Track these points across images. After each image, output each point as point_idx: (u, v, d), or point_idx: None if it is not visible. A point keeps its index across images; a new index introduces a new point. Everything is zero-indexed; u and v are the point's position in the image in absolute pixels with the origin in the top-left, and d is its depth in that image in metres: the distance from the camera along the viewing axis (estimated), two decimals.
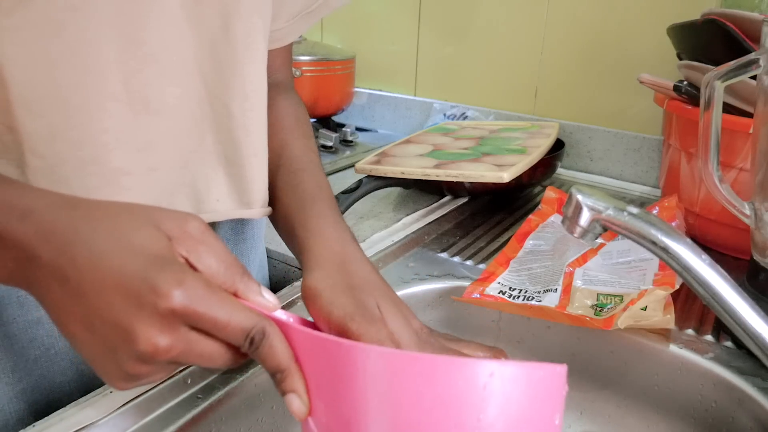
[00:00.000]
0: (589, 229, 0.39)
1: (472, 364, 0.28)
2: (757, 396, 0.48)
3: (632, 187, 0.99)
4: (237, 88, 0.47)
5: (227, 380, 0.46)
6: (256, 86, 0.48)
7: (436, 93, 1.23)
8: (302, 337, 0.33)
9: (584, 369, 0.58)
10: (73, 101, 0.40)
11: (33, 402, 0.47)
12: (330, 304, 0.38)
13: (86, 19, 0.38)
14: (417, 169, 0.80)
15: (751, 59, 0.51)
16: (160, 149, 0.45)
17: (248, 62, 0.47)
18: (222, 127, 0.48)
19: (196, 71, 0.45)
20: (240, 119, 0.48)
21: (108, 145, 0.42)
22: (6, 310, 0.44)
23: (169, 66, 0.43)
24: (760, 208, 0.53)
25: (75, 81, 0.39)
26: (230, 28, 0.45)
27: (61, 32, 0.38)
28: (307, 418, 0.33)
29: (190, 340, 0.30)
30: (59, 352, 0.47)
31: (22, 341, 0.45)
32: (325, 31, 1.36)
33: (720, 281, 0.36)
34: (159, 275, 0.29)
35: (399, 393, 0.29)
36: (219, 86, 0.47)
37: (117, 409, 0.42)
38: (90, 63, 0.39)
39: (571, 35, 1.04)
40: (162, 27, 0.42)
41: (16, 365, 0.45)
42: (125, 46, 0.41)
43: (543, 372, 0.29)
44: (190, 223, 0.32)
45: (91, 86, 0.40)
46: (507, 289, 0.61)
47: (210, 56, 0.45)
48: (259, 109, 0.49)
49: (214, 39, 0.45)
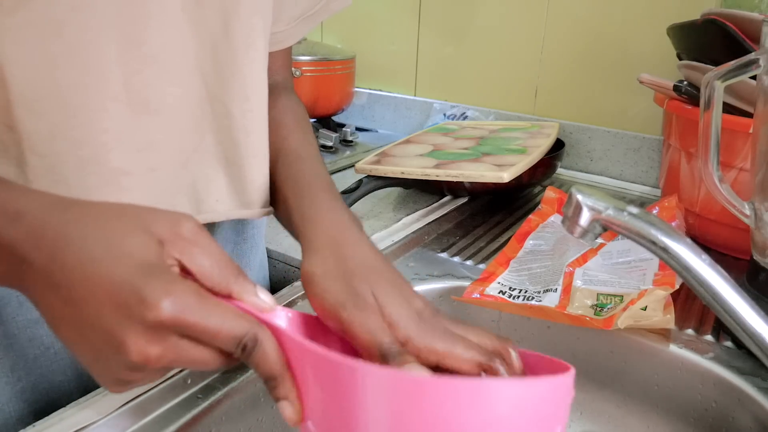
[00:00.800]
0: (589, 229, 0.39)
1: (460, 386, 0.27)
2: (757, 396, 0.48)
3: (632, 187, 0.99)
4: (237, 89, 0.47)
5: (227, 380, 0.46)
6: (256, 87, 0.48)
7: (436, 93, 1.23)
8: (293, 344, 0.32)
9: (584, 369, 0.58)
10: (73, 101, 0.40)
11: (33, 401, 0.46)
12: (323, 291, 0.38)
13: (87, 20, 0.38)
14: (417, 169, 0.80)
15: (751, 59, 0.51)
16: (160, 149, 0.45)
17: (248, 63, 0.47)
18: (222, 127, 0.48)
19: (197, 72, 0.45)
20: (240, 120, 0.48)
21: (107, 145, 0.42)
22: (5, 309, 0.44)
23: (169, 66, 0.43)
24: (760, 208, 0.53)
25: (76, 81, 0.39)
26: (230, 29, 0.45)
27: (62, 32, 0.38)
28: (306, 422, 0.33)
29: (181, 348, 0.30)
30: (59, 352, 0.47)
31: (22, 340, 0.45)
32: (325, 31, 1.36)
33: (720, 281, 0.36)
34: (147, 285, 0.29)
35: (386, 411, 0.28)
36: (219, 87, 0.47)
37: (117, 409, 0.42)
38: (91, 63, 0.39)
39: (571, 35, 1.04)
40: (163, 28, 0.42)
41: (16, 364, 0.45)
42: (126, 47, 0.41)
43: (548, 385, 0.28)
44: (183, 225, 0.32)
45: (91, 86, 0.40)
46: (507, 289, 0.61)
47: (210, 57, 0.45)
48: (259, 110, 0.49)
49: (215, 40, 0.45)
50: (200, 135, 0.47)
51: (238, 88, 0.47)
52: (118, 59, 0.41)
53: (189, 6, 0.43)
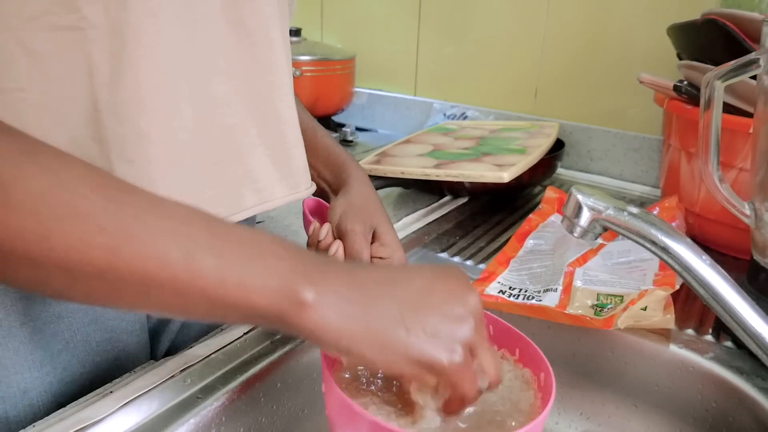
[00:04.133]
0: (589, 228, 0.39)
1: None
2: (757, 396, 0.48)
3: (632, 187, 0.99)
4: (273, 80, 0.50)
5: (227, 380, 0.46)
6: (288, 78, 0.52)
7: (436, 93, 1.23)
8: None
9: (584, 369, 0.58)
10: (152, 102, 0.41)
11: (60, 394, 0.47)
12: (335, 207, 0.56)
13: (157, 23, 0.40)
14: (417, 169, 0.80)
15: (751, 59, 0.51)
16: (218, 144, 0.47)
17: (277, 53, 0.50)
18: (268, 119, 0.51)
19: (240, 67, 0.48)
20: (283, 112, 0.52)
21: (183, 144, 0.44)
22: (33, 307, 0.45)
23: (219, 64, 0.46)
24: (760, 208, 0.53)
25: (154, 82, 0.41)
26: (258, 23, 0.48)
27: (140, 37, 0.40)
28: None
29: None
30: (77, 346, 0.48)
31: (47, 336, 0.46)
32: (325, 31, 1.36)
33: (720, 281, 0.36)
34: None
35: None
36: (259, 80, 0.49)
37: (117, 409, 0.42)
38: (162, 65, 0.42)
39: (571, 35, 1.04)
40: (208, 29, 0.45)
41: (44, 359, 0.46)
42: (185, 47, 0.43)
43: None
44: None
45: (163, 87, 0.42)
46: (507, 289, 0.61)
47: (248, 54, 0.48)
48: (291, 98, 0.53)
49: (250, 35, 0.48)
50: (247, 128, 0.50)
51: (274, 79, 0.50)
52: (182, 60, 0.43)
53: (228, 7, 0.45)
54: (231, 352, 0.49)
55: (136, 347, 0.52)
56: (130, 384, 0.44)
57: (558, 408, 0.60)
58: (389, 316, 0.34)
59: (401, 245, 0.56)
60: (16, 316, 0.44)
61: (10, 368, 0.44)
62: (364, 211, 0.55)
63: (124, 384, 0.44)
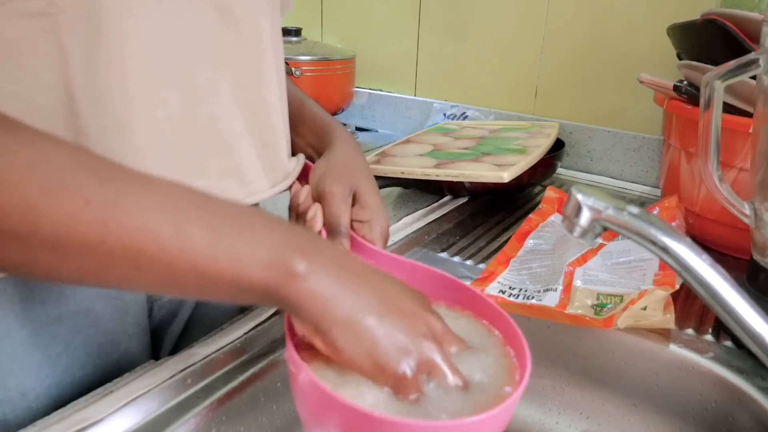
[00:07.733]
0: (589, 228, 0.39)
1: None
2: (757, 396, 0.48)
3: (632, 187, 0.99)
4: (263, 72, 0.49)
5: (227, 380, 0.46)
6: (280, 71, 0.52)
7: (436, 93, 1.23)
8: None
9: (584, 369, 0.58)
10: (132, 91, 0.40)
11: (58, 397, 0.47)
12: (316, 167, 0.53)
13: (139, 9, 0.39)
14: (417, 169, 0.80)
15: (750, 59, 0.51)
16: (206, 135, 0.46)
17: (270, 47, 0.49)
18: (256, 111, 0.50)
19: (227, 58, 0.46)
20: (273, 104, 0.51)
21: (164, 134, 0.43)
22: (32, 309, 0.44)
23: (207, 55, 0.45)
24: (760, 208, 0.53)
25: (137, 70, 0.40)
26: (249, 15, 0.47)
27: (119, 23, 0.39)
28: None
29: None
30: (77, 348, 0.47)
31: (46, 338, 0.45)
32: (325, 31, 1.36)
33: (720, 281, 0.36)
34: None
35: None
36: (247, 71, 0.48)
37: (117, 409, 0.42)
38: (145, 51, 0.40)
39: (571, 35, 1.04)
40: (196, 21, 0.43)
41: (43, 362, 0.45)
42: (168, 34, 0.42)
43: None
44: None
45: (146, 75, 0.41)
46: (507, 288, 0.61)
47: (239, 44, 0.47)
48: (282, 91, 0.53)
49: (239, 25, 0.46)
50: (234, 119, 0.48)
51: (263, 69, 0.49)
52: (167, 47, 0.41)
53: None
54: (231, 352, 0.49)
55: (137, 350, 0.52)
56: (130, 384, 0.44)
57: (558, 408, 0.60)
58: (371, 312, 0.34)
59: (384, 207, 0.54)
60: (14, 318, 0.43)
61: (9, 371, 0.44)
62: (344, 172, 0.52)
63: (124, 384, 0.44)
